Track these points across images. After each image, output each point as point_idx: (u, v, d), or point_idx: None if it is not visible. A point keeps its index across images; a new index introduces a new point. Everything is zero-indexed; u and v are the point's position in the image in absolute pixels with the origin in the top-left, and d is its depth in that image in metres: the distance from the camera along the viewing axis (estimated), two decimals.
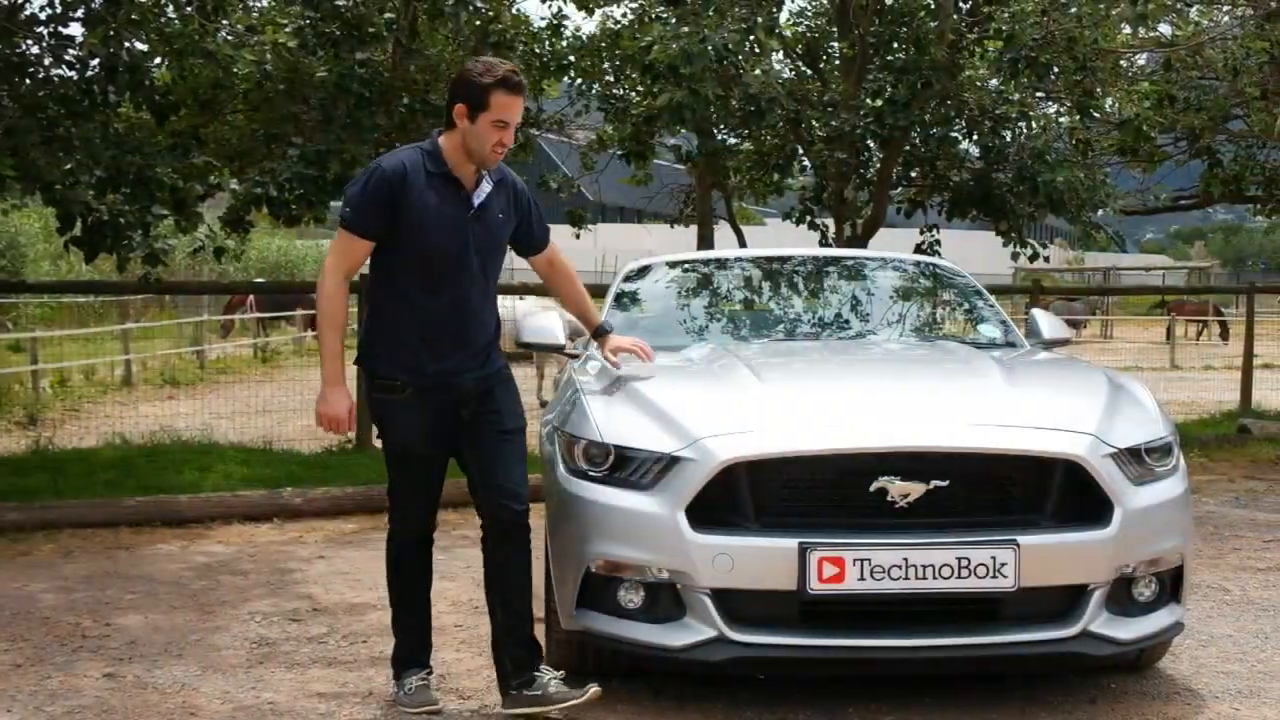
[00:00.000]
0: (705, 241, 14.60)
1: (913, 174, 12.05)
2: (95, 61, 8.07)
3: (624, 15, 12.58)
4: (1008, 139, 11.16)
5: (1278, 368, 21.08)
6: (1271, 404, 13.75)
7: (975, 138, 11.21)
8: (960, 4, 11.19)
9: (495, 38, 10.48)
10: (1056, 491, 4.13)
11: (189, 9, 8.60)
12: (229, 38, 9.27)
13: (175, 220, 8.64)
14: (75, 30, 8.27)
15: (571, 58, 11.54)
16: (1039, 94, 11.99)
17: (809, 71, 12.61)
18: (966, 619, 4.11)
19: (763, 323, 5.99)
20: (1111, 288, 37.10)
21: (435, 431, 4.25)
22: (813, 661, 4.11)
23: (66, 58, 8.24)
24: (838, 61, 12.12)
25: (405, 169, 4.13)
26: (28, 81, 8.18)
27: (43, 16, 8.23)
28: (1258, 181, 12.91)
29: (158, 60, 8.74)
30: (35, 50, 8.30)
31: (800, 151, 12.00)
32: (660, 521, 4.08)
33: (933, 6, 11.07)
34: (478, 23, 10.48)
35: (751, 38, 9.95)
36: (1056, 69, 10.47)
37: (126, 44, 8.06)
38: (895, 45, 11.26)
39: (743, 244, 14.53)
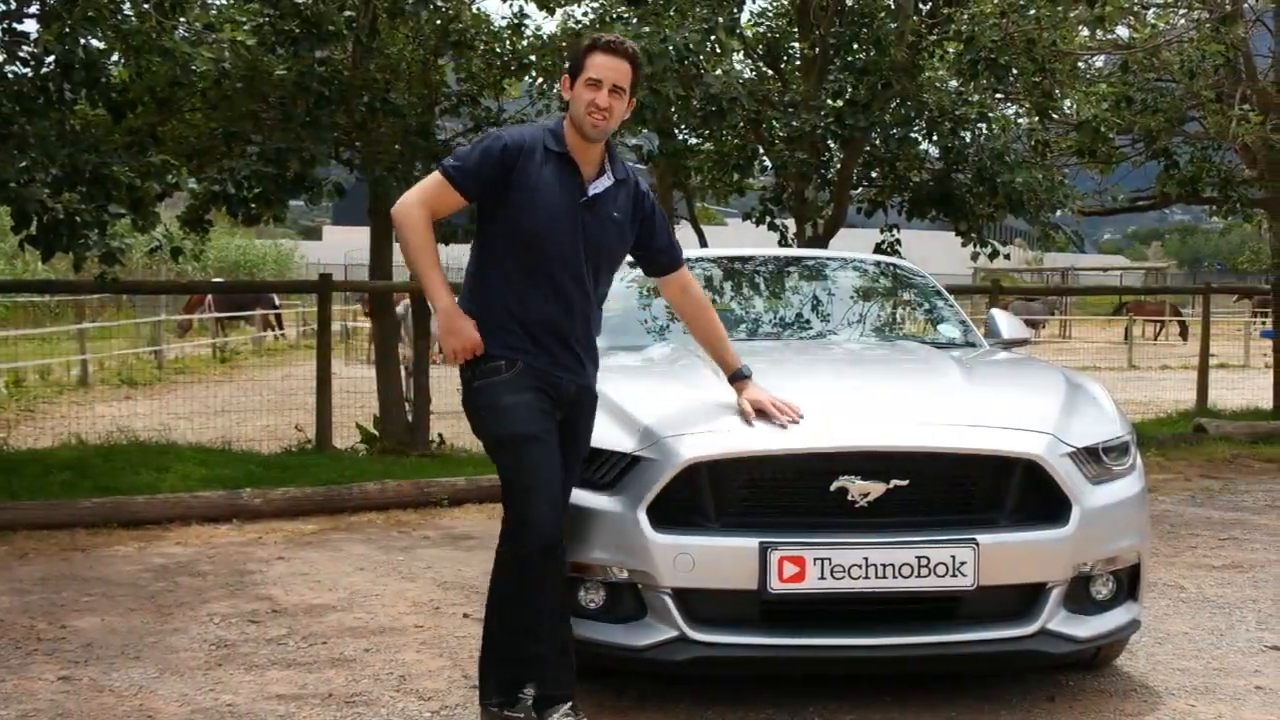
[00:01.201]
0: None
1: (873, 174, 12.09)
2: (51, 58, 7.97)
3: (585, 15, 12.56)
4: (967, 140, 11.23)
5: (1234, 367, 21.35)
6: (1227, 403, 13.91)
7: (935, 138, 11.26)
8: (920, 5, 11.24)
9: (456, 36, 10.45)
10: (1015, 490, 4.15)
11: (146, 6, 8.50)
12: (187, 35, 9.18)
13: (132, 219, 8.56)
14: (30, 26, 8.20)
15: (532, 57, 11.46)
16: (998, 95, 12.06)
17: (770, 72, 12.62)
18: (926, 618, 4.13)
19: (724, 322, 5.98)
20: (1070, 288, 37.40)
21: (542, 409, 3.97)
22: (774, 661, 4.11)
23: (21, 54, 8.14)
24: (798, 62, 12.14)
25: (525, 142, 4.06)
26: None
27: None
28: (1213, 183, 13.02)
29: (114, 57, 8.65)
30: None
31: (761, 151, 12.01)
32: (621, 521, 4.08)
33: (893, 8, 11.12)
34: (438, 21, 10.45)
35: (713, 38, 9.96)
36: (1015, 70, 10.53)
37: (83, 41, 7.97)
38: (856, 46, 11.31)
39: (704, 244, 14.53)
